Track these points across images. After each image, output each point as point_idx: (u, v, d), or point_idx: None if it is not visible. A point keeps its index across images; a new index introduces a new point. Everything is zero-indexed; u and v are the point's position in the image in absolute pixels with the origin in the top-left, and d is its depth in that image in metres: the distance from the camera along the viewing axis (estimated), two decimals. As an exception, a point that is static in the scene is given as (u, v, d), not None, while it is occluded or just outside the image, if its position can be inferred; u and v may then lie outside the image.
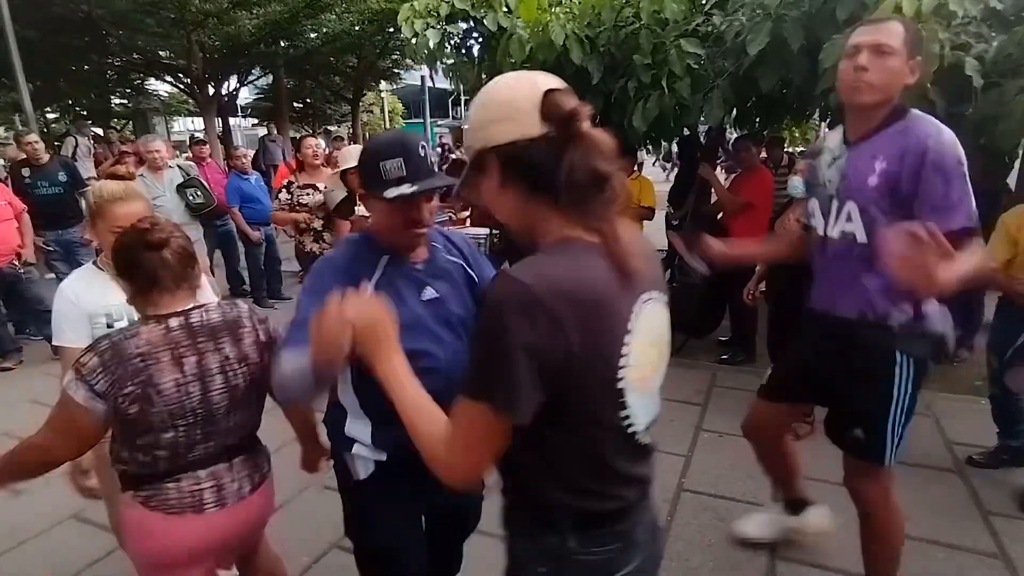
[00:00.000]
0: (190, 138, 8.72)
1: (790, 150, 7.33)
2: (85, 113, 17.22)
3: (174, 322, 1.34)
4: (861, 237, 1.66)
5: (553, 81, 0.89)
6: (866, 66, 1.57)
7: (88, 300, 1.73)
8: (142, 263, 1.31)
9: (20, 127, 10.98)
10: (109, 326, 1.72)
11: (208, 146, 6.40)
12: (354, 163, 3.26)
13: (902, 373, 1.70)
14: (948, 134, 1.56)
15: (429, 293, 1.35)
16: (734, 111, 4.13)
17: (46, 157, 5.24)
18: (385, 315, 1.00)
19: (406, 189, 1.24)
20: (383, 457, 1.40)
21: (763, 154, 5.54)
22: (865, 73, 1.57)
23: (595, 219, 0.87)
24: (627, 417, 0.90)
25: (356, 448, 1.41)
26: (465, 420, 0.86)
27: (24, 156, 5.25)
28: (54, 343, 1.78)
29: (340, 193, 3.53)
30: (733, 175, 4.78)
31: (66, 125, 16.65)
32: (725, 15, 3.50)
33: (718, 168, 5.39)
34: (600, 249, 0.86)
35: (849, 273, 1.71)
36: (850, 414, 1.83)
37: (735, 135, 4.96)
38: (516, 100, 0.86)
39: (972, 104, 2.75)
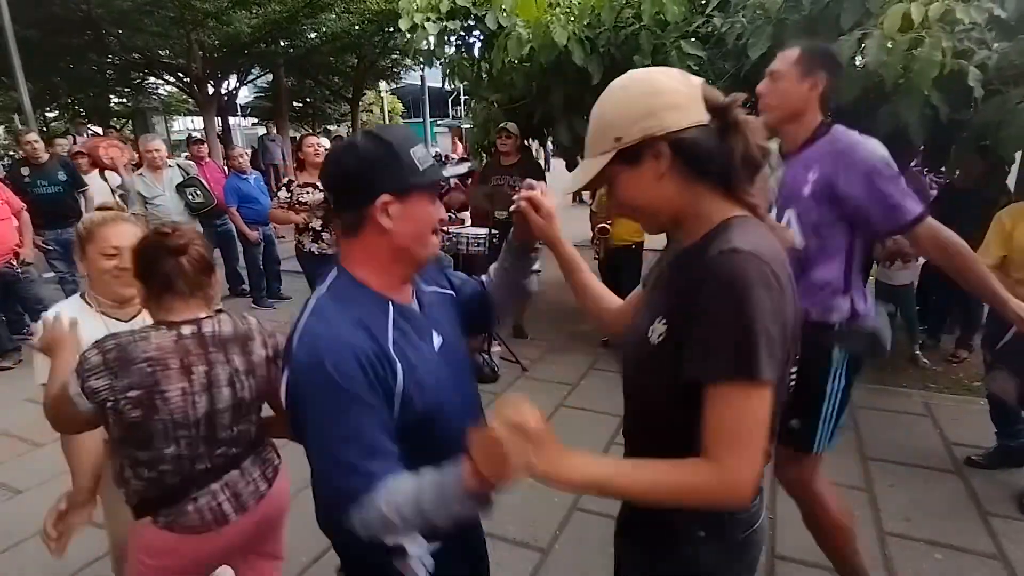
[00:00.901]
0: (188, 137, 8.70)
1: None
2: (83, 112, 17.20)
3: (186, 330, 1.32)
4: (799, 242, 1.76)
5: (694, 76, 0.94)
6: (762, 92, 1.82)
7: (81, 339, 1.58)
8: (160, 267, 1.31)
9: (20, 126, 10.97)
10: None
11: (206, 145, 6.39)
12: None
13: (837, 368, 1.79)
14: (872, 142, 1.70)
15: (437, 340, 1.12)
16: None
17: (45, 156, 5.25)
18: (535, 416, 0.83)
19: (461, 168, 1.10)
20: (438, 545, 1.09)
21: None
22: (763, 98, 1.82)
23: (750, 196, 0.93)
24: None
25: (410, 551, 1.05)
26: (732, 411, 0.81)
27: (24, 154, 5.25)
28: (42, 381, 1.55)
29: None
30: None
31: (65, 124, 16.65)
32: (726, 17, 3.51)
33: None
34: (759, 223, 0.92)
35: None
36: (788, 406, 1.87)
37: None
38: (680, 90, 0.89)
39: (974, 110, 2.75)
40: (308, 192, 4.41)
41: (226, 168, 6.07)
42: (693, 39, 3.53)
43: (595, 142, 0.96)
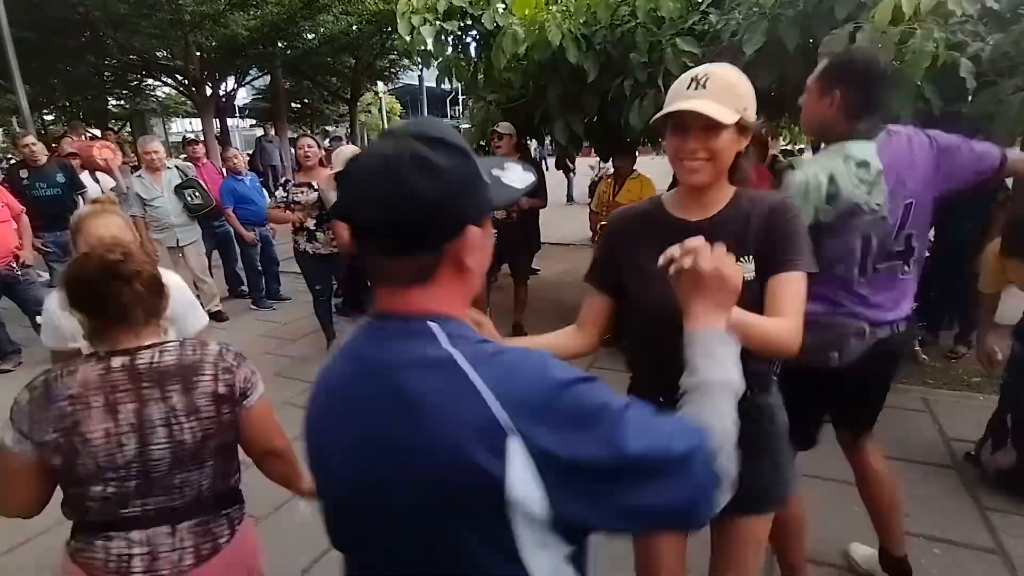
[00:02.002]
0: (183, 138, 8.69)
1: (788, 147, 7.35)
2: (81, 115, 17.20)
3: (116, 362, 1.17)
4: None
5: None
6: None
7: (63, 320, 1.71)
8: (116, 297, 1.16)
9: (17, 129, 10.98)
10: (72, 340, 1.71)
11: (202, 145, 6.39)
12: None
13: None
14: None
15: None
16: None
17: (44, 159, 5.25)
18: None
19: (531, 178, 0.83)
20: None
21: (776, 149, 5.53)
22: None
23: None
24: None
25: None
26: (799, 290, 1.21)
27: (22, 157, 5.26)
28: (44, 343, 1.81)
29: (335, 194, 3.53)
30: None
31: (63, 127, 16.66)
32: (721, 14, 3.51)
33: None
34: None
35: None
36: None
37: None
38: None
39: (968, 102, 2.76)
40: (303, 192, 4.41)
41: (223, 170, 6.06)
42: (689, 36, 3.52)
43: (724, 97, 1.18)
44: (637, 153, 4.89)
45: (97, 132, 14.16)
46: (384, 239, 0.72)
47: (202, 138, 10.13)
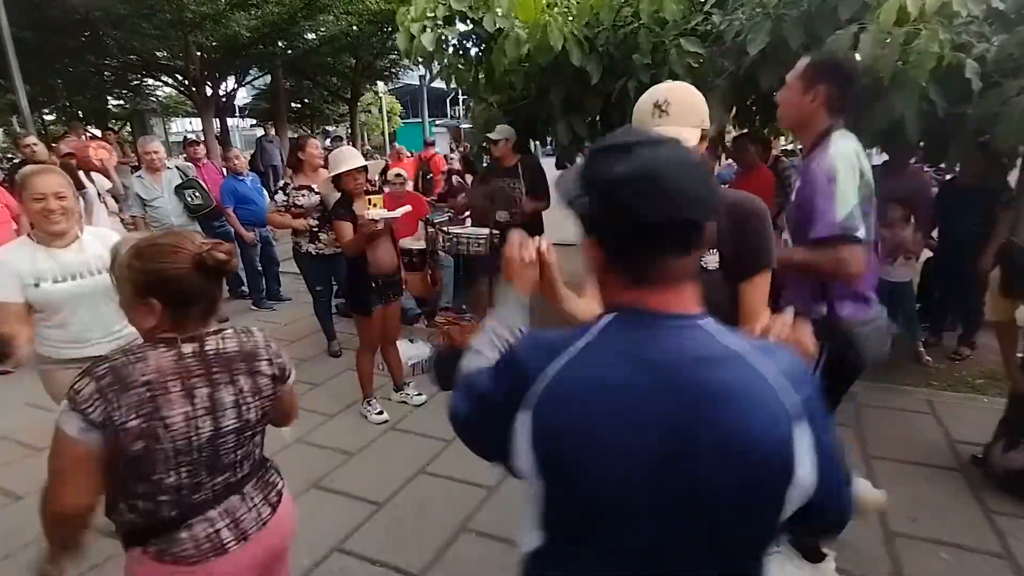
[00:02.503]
0: (184, 139, 8.65)
1: (787, 148, 7.33)
2: (81, 114, 17.17)
3: (187, 348, 1.21)
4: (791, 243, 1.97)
5: None
6: (778, 100, 1.95)
7: (18, 263, 2.09)
8: (208, 294, 1.23)
9: (18, 129, 10.96)
10: (36, 285, 2.10)
11: (202, 146, 6.37)
12: (347, 167, 3.27)
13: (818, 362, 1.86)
14: (831, 152, 1.78)
15: None
16: (734, 110, 4.13)
17: (45, 159, 5.22)
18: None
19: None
20: None
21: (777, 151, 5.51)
22: (778, 109, 1.96)
23: None
24: None
25: None
26: (766, 288, 1.41)
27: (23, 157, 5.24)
28: None
29: (336, 196, 3.51)
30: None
31: (63, 126, 16.63)
32: (724, 14, 3.49)
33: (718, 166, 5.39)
34: None
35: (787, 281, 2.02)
36: None
37: (734, 133, 4.95)
38: None
39: (972, 104, 2.74)
40: (304, 195, 4.40)
41: (224, 170, 6.04)
42: (692, 37, 3.51)
43: (686, 118, 1.38)
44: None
45: (97, 132, 14.14)
46: (694, 236, 0.78)
47: (202, 138, 10.09)
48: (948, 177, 4.30)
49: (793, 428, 0.72)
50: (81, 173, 5.97)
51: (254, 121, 23.86)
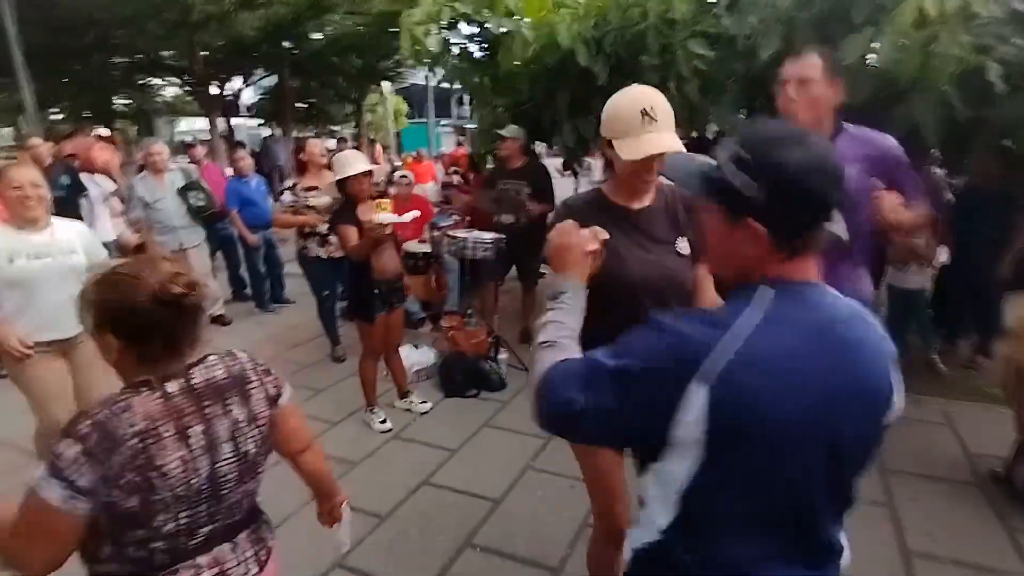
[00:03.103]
0: (182, 142, 8.60)
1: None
2: (87, 114, 17.19)
3: (172, 386, 1.12)
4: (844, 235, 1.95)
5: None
6: (793, 97, 1.91)
7: None
8: (181, 327, 1.13)
9: (24, 128, 10.97)
10: (11, 261, 2.42)
11: (201, 147, 6.34)
12: (352, 171, 3.22)
13: None
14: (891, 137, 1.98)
15: None
16: (744, 113, 4.07)
17: (49, 160, 5.20)
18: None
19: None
20: None
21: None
22: (793, 104, 1.91)
23: None
24: None
25: None
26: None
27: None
28: None
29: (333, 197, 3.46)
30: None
31: (70, 125, 16.66)
32: (735, 17, 3.42)
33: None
34: None
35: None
36: None
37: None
38: None
39: (994, 108, 2.66)
40: (314, 195, 4.36)
41: (231, 171, 6.01)
42: (701, 38, 3.44)
43: (670, 124, 1.48)
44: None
45: (104, 132, 14.16)
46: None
47: (200, 140, 10.06)
48: (966, 182, 4.20)
49: (892, 369, 0.91)
50: (83, 175, 5.96)
51: (260, 121, 23.88)
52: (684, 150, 1.29)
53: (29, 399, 2.66)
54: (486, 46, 4.59)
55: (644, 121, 1.46)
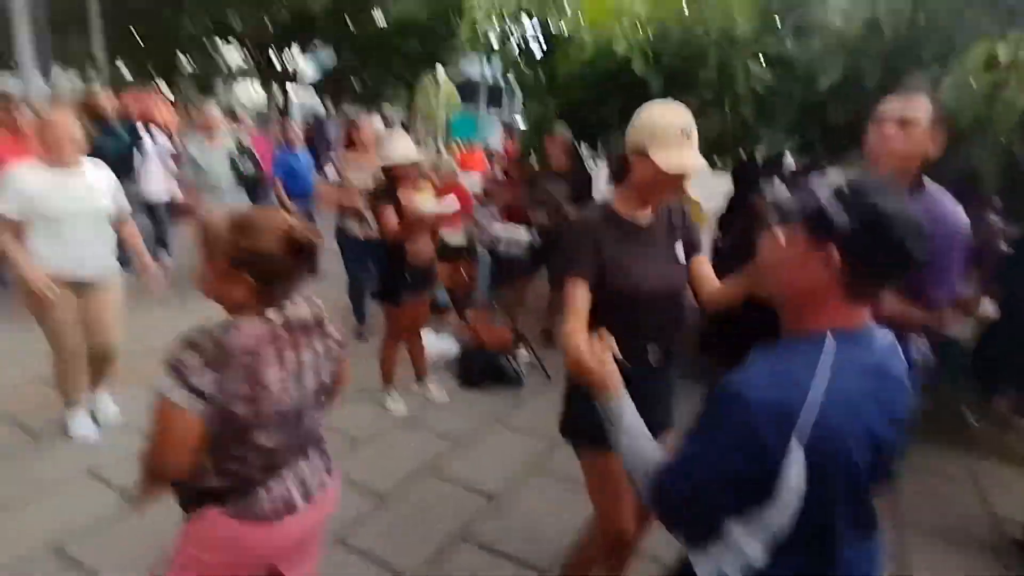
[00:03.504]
0: (231, 110, 8.75)
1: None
2: (153, 71, 17.75)
3: (273, 316, 1.29)
4: None
5: None
6: (891, 136, 1.73)
7: (26, 182, 2.61)
8: (295, 274, 1.30)
9: (93, 74, 11.38)
10: (43, 198, 2.60)
11: (247, 116, 6.48)
12: (400, 158, 3.25)
13: None
14: (960, 211, 1.81)
15: None
16: (799, 137, 3.98)
17: (109, 110, 5.40)
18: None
19: None
20: None
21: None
22: (889, 143, 1.73)
23: None
24: None
25: None
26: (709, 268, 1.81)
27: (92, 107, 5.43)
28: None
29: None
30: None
31: (134, 79, 17.24)
32: (799, 40, 3.34)
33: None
34: None
35: None
36: None
37: (794, 162, 4.76)
38: None
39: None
40: (355, 172, 4.41)
41: (280, 141, 6.14)
42: (762, 59, 3.37)
43: (697, 141, 1.55)
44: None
45: (165, 90, 14.62)
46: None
47: (245, 108, 10.27)
48: (1018, 231, 4.03)
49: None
50: (140, 125, 6.18)
51: (315, 95, 24.29)
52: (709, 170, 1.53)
53: (45, 330, 2.81)
54: (545, 44, 4.58)
55: (682, 138, 1.51)
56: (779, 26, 3.55)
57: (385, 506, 2.66)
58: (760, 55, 3.42)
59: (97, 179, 2.84)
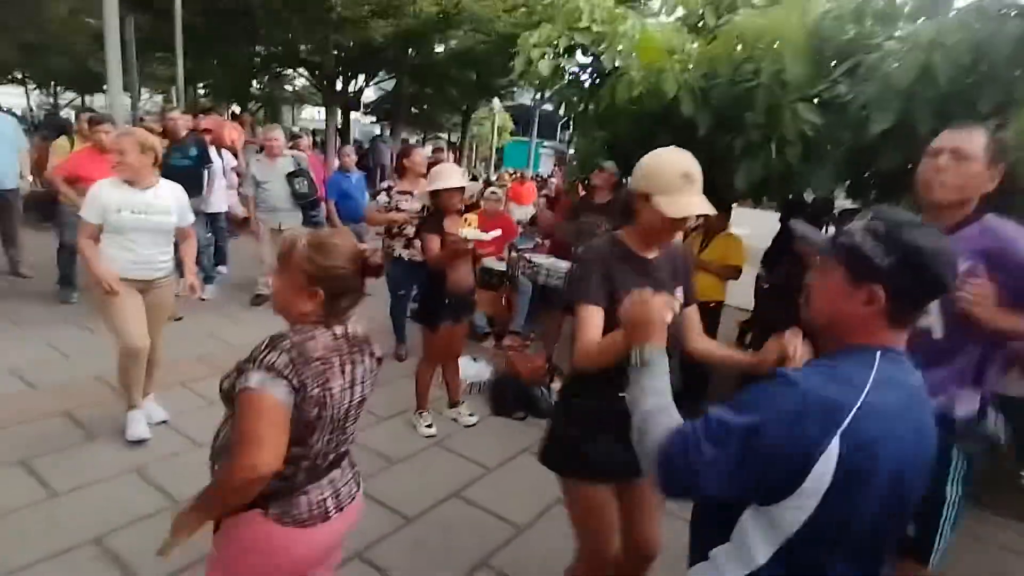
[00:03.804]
0: (290, 132, 9.14)
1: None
2: (228, 93, 18.88)
3: (339, 330, 1.42)
4: (937, 332, 1.70)
5: None
6: (943, 167, 1.68)
7: (106, 195, 2.90)
8: (356, 287, 1.43)
9: (174, 98, 12.20)
10: (119, 211, 2.89)
11: (305, 139, 6.77)
12: (445, 184, 3.36)
13: (956, 471, 1.73)
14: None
15: None
16: (847, 181, 3.91)
17: (184, 132, 5.78)
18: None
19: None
20: None
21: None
22: (942, 174, 1.68)
23: None
24: None
25: None
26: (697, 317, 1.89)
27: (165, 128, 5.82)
28: (81, 214, 2.97)
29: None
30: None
31: (211, 102, 18.36)
32: (852, 85, 3.30)
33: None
34: None
35: (921, 366, 1.68)
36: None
37: (845, 204, 4.66)
38: None
39: None
40: (407, 200, 4.55)
41: (337, 165, 6.40)
42: (813, 103, 3.35)
43: (700, 185, 1.61)
44: (736, 205, 4.68)
45: (237, 110, 15.47)
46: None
47: (314, 131, 10.75)
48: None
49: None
50: (212, 148, 6.57)
51: (374, 119, 25.22)
52: (714, 211, 1.70)
53: (110, 324, 3.03)
54: (596, 78, 4.66)
55: (684, 182, 1.58)
56: (832, 71, 3.52)
57: (409, 526, 2.70)
58: (810, 99, 3.39)
59: (165, 197, 3.08)
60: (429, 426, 3.57)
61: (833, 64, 3.62)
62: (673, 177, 1.58)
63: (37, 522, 2.47)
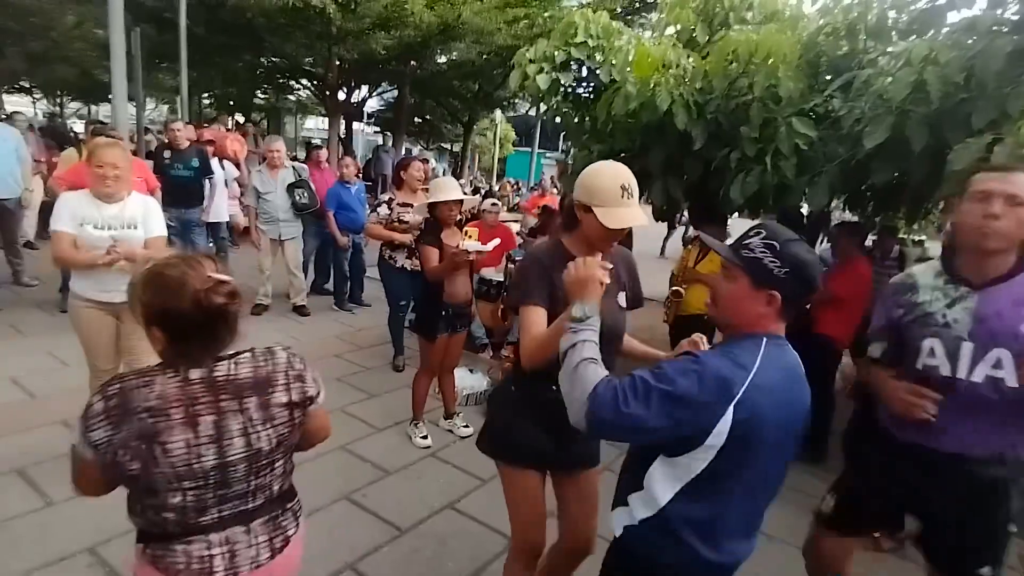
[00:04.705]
0: (307, 143, 9.23)
1: (904, 236, 6.81)
2: (231, 103, 19.02)
3: (195, 374, 1.22)
4: (1011, 382, 1.64)
5: None
6: (998, 214, 1.60)
7: (75, 206, 2.72)
8: (212, 327, 1.22)
9: (178, 108, 12.29)
10: (81, 225, 2.68)
11: (326, 151, 6.81)
12: (443, 196, 3.39)
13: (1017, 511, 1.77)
14: None
15: None
16: (843, 195, 3.93)
17: (186, 144, 5.83)
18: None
19: None
20: None
21: (868, 241, 5.15)
22: (996, 221, 1.61)
23: None
24: None
25: None
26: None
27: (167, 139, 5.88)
28: (50, 229, 2.74)
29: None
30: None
31: (215, 112, 18.52)
32: (846, 100, 3.34)
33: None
34: None
35: (996, 416, 1.70)
36: (975, 551, 1.80)
37: (840, 216, 4.69)
38: None
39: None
40: (408, 212, 4.58)
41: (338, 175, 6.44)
42: (807, 118, 3.38)
43: (637, 196, 1.72)
44: (735, 215, 4.69)
45: (240, 119, 15.58)
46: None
47: (321, 141, 10.83)
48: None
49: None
50: (215, 160, 6.63)
51: (377, 129, 25.38)
52: (649, 224, 1.81)
53: (81, 346, 2.94)
54: (592, 91, 4.70)
55: (623, 195, 1.67)
56: (826, 85, 3.56)
57: (402, 537, 2.70)
58: (805, 114, 3.42)
59: (133, 209, 2.82)
60: (424, 437, 3.57)
61: (827, 79, 3.67)
62: (612, 190, 1.67)
63: (32, 530, 2.48)
